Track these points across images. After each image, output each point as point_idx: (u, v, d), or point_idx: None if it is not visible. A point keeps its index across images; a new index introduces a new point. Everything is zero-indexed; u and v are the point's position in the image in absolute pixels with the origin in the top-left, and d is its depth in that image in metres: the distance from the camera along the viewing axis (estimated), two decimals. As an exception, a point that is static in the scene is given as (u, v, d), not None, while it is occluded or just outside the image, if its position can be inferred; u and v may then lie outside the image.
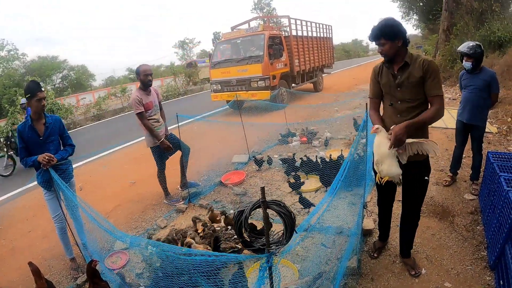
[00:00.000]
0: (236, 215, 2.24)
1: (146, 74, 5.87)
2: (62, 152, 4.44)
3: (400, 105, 3.29)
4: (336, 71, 30.71)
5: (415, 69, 3.16)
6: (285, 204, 2.18)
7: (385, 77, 3.37)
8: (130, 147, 11.52)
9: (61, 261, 5.09)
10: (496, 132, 8.56)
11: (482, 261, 3.96)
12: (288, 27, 16.97)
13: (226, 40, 16.27)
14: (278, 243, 2.15)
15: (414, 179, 3.48)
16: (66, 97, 22.49)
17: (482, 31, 16.89)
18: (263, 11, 70.18)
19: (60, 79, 46.62)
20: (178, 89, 29.39)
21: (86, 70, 52.15)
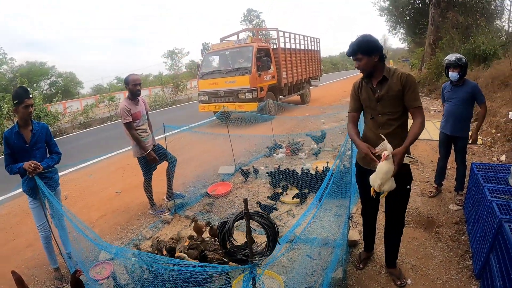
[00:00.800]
0: (219, 226, 2.28)
1: (135, 83, 5.86)
2: (48, 160, 4.42)
3: (381, 118, 3.36)
4: (324, 83, 30.87)
5: (393, 83, 3.25)
6: (268, 215, 2.22)
7: (365, 92, 3.44)
8: (117, 157, 11.46)
9: (45, 270, 5.03)
10: (480, 143, 8.69)
11: (467, 270, 4.02)
12: (276, 39, 17.08)
13: (215, 51, 16.34)
14: (261, 254, 2.19)
15: (396, 188, 3.54)
16: (53, 103, 22.26)
17: (467, 44, 17.22)
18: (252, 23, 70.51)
19: (48, 85, 46.38)
20: (165, 99, 29.34)
21: (74, 77, 52.01)
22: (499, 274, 3.08)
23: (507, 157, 7.52)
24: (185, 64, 64.16)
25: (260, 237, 4.92)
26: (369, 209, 4.04)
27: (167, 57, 63.74)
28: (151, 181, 6.47)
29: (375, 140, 3.36)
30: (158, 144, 6.51)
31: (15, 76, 26.30)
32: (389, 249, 4.00)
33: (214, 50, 16.40)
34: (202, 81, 15.57)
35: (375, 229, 4.23)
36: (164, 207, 6.69)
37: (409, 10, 32.66)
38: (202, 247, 4.38)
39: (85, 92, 54.16)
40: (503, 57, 15.12)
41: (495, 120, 9.75)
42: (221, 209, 6.42)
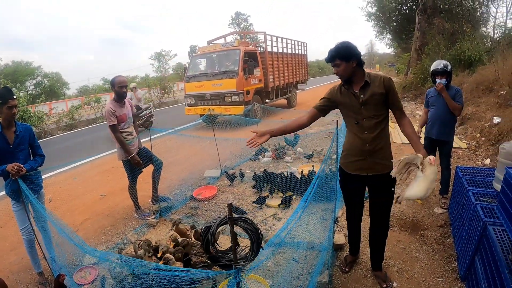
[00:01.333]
0: (203, 230, 2.27)
1: (121, 86, 5.80)
2: (32, 162, 4.36)
3: (366, 122, 3.39)
4: (310, 87, 31.01)
5: (376, 87, 3.32)
6: (252, 221, 2.21)
7: (346, 97, 3.47)
8: (102, 159, 11.36)
9: (28, 274, 4.95)
10: (465, 147, 8.82)
11: (452, 272, 4.05)
12: (263, 43, 17.11)
13: (202, 54, 16.35)
14: (245, 259, 2.18)
15: (381, 191, 3.62)
16: (38, 104, 22.06)
17: (453, 50, 17.43)
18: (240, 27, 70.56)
19: (34, 85, 45.99)
20: (152, 101, 29.21)
21: (60, 77, 51.62)
22: (484, 276, 3.11)
23: (491, 160, 7.60)
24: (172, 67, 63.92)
25: (246, 241, 4.89)
26: (354, 213, 4.06)
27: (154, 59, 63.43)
28: (136, 184, 6.42)
29: (361, 145, 3.44)
30: (144, 147, 6.46)
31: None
32: (374, 252, 4.02)
33: (201, 53, 16.41)
34: (188, 83, 15.59)
35: (360, 232, 4.24)
36: (149, 210, 6.64)
37: (396, 16, 32.94)
38: (186, 251, 4.36)
39: (71, 93, 53.83)
40: (488, 63, 15.30)
41: (480, 125, 9.86)
42: (206, 213, 6.40)
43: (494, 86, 11.78)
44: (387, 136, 3.51)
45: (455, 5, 22.68)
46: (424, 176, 3.26)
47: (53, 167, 9.18)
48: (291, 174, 6.98)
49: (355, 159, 3.54)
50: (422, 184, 3.27)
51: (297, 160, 9.08)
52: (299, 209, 2.88)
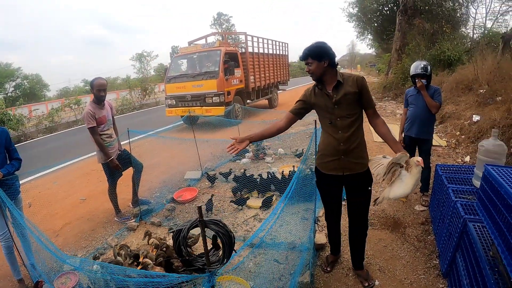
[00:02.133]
0: (174, 234, 2.25)
1: (99, 89, 5.72)
2: (8, 166, 4.27)
3: (339, 122, 3.41)
4: (292, 87, 31.09)
5: (349, 86, 3.35)
6: (224, 223, 2.20)
7: (320, 98, 3.49)
8: (82, 162, 11.25)
9: (8, 282, 4.87)
10: (445, 145, 8.92)
11: (434, 269, 4.08)
12: (245, 43, 17.10)
13: (183, 54, 16.25)
14: (218, 262, 2.17)
15: (357, 190, 3.65)
16: (18, 107, 21.82)
17: (433, 50, 17.68)
18: (222, 27, 70.52)
19: (13, 87, 45.49)
20: (133, 103, 29.07)
21: (40, 79, 51.18)
22: (466, 273, 3.14)
23: (471, 158, 7.71)
24: (154, 68, 63.70)
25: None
26: (332, 212, 4.06)
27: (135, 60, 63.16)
28: (116, 187, 6.36)
29: (336, 145, 3.47)
30: (124, 150, 6.40)
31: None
32: (354, 251, 4.04)
33: (182, 53, 16.30)
34: (169, 85, 15.49)
35: (340, 232, 4.25)
36: (129, 214, 6.58)
37: (377, 16, 33.17)
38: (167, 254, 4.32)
39: (51, 95, 53.37)
40: (467, 62, 15.57)
41: (459, 123, 9.99)
42: (187, 215, 6.37)
43: (474, 85, 11.94)
44: (362, 135, 3.54)
45: (435, 6, 22.87)
46: (410, 175, 3.30)
47: (32, 171, 9.08)
48: (272, 175, 6.98)
49: (330, 159, 3.56)
50: (410, 182, 3.32)
51: (278, 160, 9.08)
52: (277, 209, 2.87)
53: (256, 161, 9.25)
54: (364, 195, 3.66)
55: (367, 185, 3.62)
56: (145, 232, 5.05)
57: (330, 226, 4.20)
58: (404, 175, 3.38)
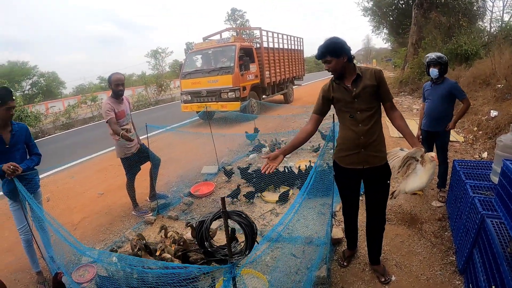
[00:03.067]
0: (197, 225, 2.25)
1: (117, 84, 5.76)
2: (28, 161, 4.33)
3: (359, 115, 3.41)
4: (307, 83, 30.96)
5: (367, 79, 3.35)
6: (246, 214, 2.20)
7: (339, 92, 3.48)
8: (99, 157, 11.35)
9: (27, 274, 4.95)
10: (462, 141, 8.82)
11: (451, 266, 4.05)
12: (259, 38, 17.04)
13: (198, 50, 16.24)
14: (240, 254, 2.17)
15: (376, 184, 3.63)
16: (35, 104, 21.99)
17: (449, 45, 17.40)
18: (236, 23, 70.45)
19: (30, 85, 45.86)
20: (149, 99, 29.20)
21: (57, 77, 51.42)
22: (483, 269, 3.11)
23: (489, 154, 7.60)
24: (169, 64, 63.79)
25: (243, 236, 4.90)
26: (350, 207, 4.05)
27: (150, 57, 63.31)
28: (134, 181, 6.41)
29: (356, 138, 3.46)
30: (143, 144, 6.45)
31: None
32: (371, 246, 4.03)
33: (197, 49, 16.29)
34: (184, 80, 15.52)
35: (357, 226, 4.23)
36: (147, 208, 6.64)
37: (393, 10, 32.83)
38: (184, 247, 4.35)
39: (67, 92, 53.60)
40: (484, 57, 15.30)
41: (477, 118, 9.88)
42: (204, 209, 6.41)
43: (491, 79, 11.79)
44: (381, 128, 3.52)
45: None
46: (425, 169, 3.29)
47: (51, 167, 9.17)
48: (289, 169, 6.98)
49: (350, 153, 3.55)
50: (424, 176, 3.32)
51: (294, 155, 9.06)
52: (296, 203, 2.87)
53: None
54: (382, 188, 3.65)
55: (386, 179, 3.60)
56: (160, 227, 5.09)
57: (347, 220, 4.19)
58: (419, 169, 3.38)
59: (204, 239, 2.24)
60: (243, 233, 2.23)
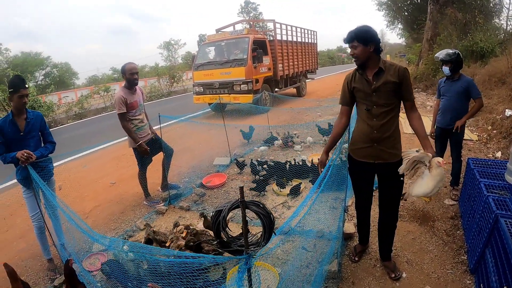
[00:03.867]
0: (214, 215, 2.23)
1: (132, 72, 5.76)
2: (42, 149, 4.37)
3: (375, 110, 3.38)
4: (320, 76, 30.82)
5: (390, 75, 3.28)
6: (264, 205, 2.18)
7: (360, 83, 3.45)
8: (112, 147, 11.39)
9: (38, 261, 4.98)
10: (476, 139, 8.72)
11: (462, 265, 4.01)
12: (273, 31, 16.97)
13: (211, 42, 16.17)
14: (256, 245, 2.15)
15: (389, 180, 3.60)
16: (48, 94, 22.12)
17: (465, 41, 17.19)
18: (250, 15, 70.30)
19: (43, 76, 46.13)
20: (161, 90, 29.27)
21: (70, 68, 51.74)
22: (495, 269, 3.08)
23: (503, 154, 7.53)
24: (181, 56, 63.83)
25: (255, 229, 4.90)
26: (362, 201, 4.04)
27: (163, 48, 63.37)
28: (146, 171, 6.42)
29: (369, 132, 3.45)
30: (156, 135, 6.45)
31: (8, 67, 26.00)
32: (383, 242, 4.01)
33: (210, 41, 16.20)
34: (197, 72, 15.51)
35: (369, 222, 4.22)
36: (158, 198, 6.67)
37: (408, 5, 32.57)
38: (196, 239, 4.35)
39: (80, 83, 53.90)
40: (500, 54, 15.10)
41: (491, 117, 9.76)
42: (216, 200, 6.42)
43: (507, 78, 11.64)
44: (397, 125, 3.48)
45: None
46: (431, 175, 3.25)
47: (63, 154, 9.21)
48: (302, 162, 6.97)
49: (363, 146, 3.54)
50: (430, 183, 3.28)
51: (307, 148, 9.05)
52: (310, 197, 2.84)
53: (286, 148, 9.22)
54: (395, 185, 3.60)
55: (400, 176, 3.54)
56: (174, 224, 5.06)
57: (359, 215, 4.17)
58: (425, 175, 3.34)
59: (221, 228, 2.21)
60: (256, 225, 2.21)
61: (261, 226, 2.18)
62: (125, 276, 3.68)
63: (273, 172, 6.94)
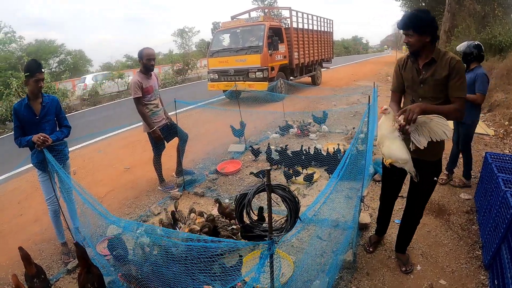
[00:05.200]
0: (238, 198, 2.17)
1: (149, 58, 5.78)
2: (58, 133, 4.37)
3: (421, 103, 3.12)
4: (335, 66, 30.66)
5: (441, 67, 3.03)
6: (290, 189, 2.11)
7: (409, 71, 3.26)
8: (126, 133, 11.44)
9: (52, 245, 5.01)
10: (493, 134, 8.55)
11: (476, 260, 3.96)
12: (289, 19, 16.82)
13: (226, 29, 16.07)
14: (280, 230, 2.09)
15: (423, 178, 3.40)
16: (62, 81, 22.26)
17: (483, 34, 16.92)
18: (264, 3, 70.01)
19: (57, 63, 46.41)
20: (175, 77, 29.28)
21: (83, 55, 52.04)
22: (511, 265, 3.01)
23: (520, 150, 7.38)
24: (195, 43, 63.79)
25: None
26: (389, 193, 3.94)
27: (177, 36, 63.35)
28: (161, 157, 6.41)
29: None
30: (171, 120, 6.45)
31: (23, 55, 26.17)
32: (403, 235, 3.93)
33: (225, 28, 16.12)
34: (212, 59, 15.46)
35: (391, 213, 4.15)
36: (173, 183, 6.64)
37: (425, -5, 32.15)
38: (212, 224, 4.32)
39: (94, 70, 54.17)
40: (520, 49, 14.84)
41: (509, 113, 9.57)
42: (230, 187, 6.40)
43: (526, 73, 11.43)
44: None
45: (487, -14, 21.96)
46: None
47: (78, 138, 9.23)
48: (317, 150, 6.89)
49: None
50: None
51: (322, 137, 8.98)
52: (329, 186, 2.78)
53: (301, 137, 9.16)
54: (428, 182, 3.45)
55: (434, 175, 3.41)
56: (190, 210, 5.01)
57: (383, 206, 4.09)
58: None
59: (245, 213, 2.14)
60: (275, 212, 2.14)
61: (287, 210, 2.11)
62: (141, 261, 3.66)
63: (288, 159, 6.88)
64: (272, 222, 2.00)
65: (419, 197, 3.59)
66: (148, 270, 3.43)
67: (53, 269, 4.49)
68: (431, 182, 3.45)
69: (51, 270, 4.45)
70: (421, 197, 3.58)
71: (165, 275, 3.12)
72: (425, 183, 3.42)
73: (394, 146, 3.08)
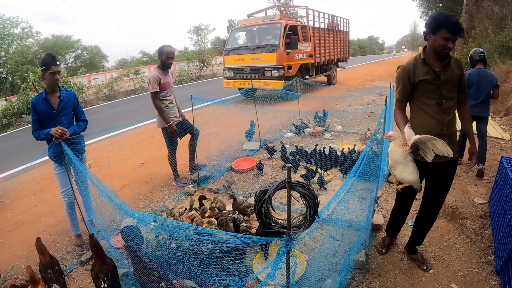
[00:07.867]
0: (258, 194, 2.18)
1: (168, 56, 5.89)
2: (75, 126, 4.42)
3: (446, 103, 3.20)
4: (351, 66, 30.53)
5: (454, 67, 3.18)
6: (309, 186, 2.12)
7: (427, 74, 3.21)
8: (141, 128, 11.50)
9: (66, 237, 5.07)
10: (509, 139, 8.45)
11: (489, 265, 3.93)
12: (305, 17, 16.78)
13: (242, 27, 16.10)
14: (298, 227, 2.10)
15: (443, 176, 3.42)
16: (78, 76, 22.45)
17: (501, 36, 16.60)
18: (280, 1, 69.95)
19: (73, 58, 46.79)
20: (191, 74, 29.40)
21: (99, 50, 52.41)
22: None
23: (536, 154, 7.29)
24: (211, 41, 63.91)
25: (282, 214, 4.86)
26: (407, 195, 3.84)
27: (192, 33, 63.51)
28: (176, 152, 6.45)
29: (439, 129, 3.23)
30: (184, 117, 6.49)
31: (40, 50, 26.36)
32: (416, 235, 3.93)
33: (241, 25, 16.16)
34: (228, 56, 15.46)
35: (406, 216, 4.09)
36: (187, 179, 6.67)
37: (443, -5, 31.88)
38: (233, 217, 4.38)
39: (110, 66, 54.58)
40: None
41: (525, 117, 9.50)
42: (245, 184, 6.42)
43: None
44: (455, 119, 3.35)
45: (506, -13, 21.69)
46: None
47: (93, 132, 9.29)
48: (331, 150, 6.86)
49: None
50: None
51: (337, 137, 8.95)
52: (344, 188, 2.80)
53: (316, 136, 9.16)
54: (447, 182, 3.47)
55: (453, 172, 3.44)
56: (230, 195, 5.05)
57: (400, 208, 4.01)
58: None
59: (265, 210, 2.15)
60: (305, 205, 2.14)
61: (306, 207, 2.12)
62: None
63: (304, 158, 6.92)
64: (290, 219, 2.01)
65: (439, 197, 3.59)
66: (163, 261, 3.46)
67: (67, 260, 4.55)
68: (450, 180, 3.48)
69: (65, 261, 4.51)
70: (441, 196, 3.59)
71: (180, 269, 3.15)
72: (445, 181, 3.46)
73: (408, 170, 3.18)
